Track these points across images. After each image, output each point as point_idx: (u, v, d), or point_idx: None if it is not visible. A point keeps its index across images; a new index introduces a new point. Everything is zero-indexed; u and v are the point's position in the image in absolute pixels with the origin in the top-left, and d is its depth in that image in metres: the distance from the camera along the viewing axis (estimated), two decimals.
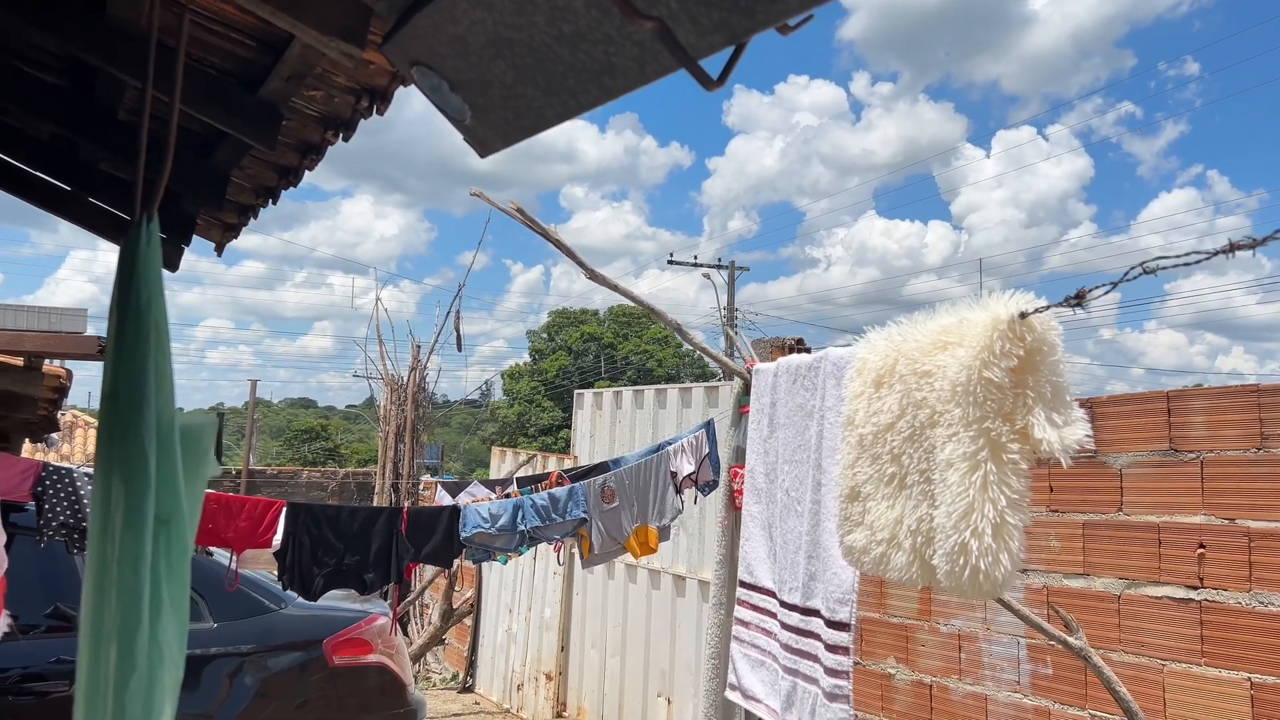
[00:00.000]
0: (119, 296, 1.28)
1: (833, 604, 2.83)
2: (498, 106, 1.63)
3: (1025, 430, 2.06)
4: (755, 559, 3.28)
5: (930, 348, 2.26)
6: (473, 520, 4.46)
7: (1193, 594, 3.50)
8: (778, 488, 3.14)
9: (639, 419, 7.69)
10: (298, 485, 17.17)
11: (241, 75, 2.51)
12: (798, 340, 5.08)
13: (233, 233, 3.69)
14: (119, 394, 1.24)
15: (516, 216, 3.43)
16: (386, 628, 5.57)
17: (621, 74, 1.34)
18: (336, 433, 45.80)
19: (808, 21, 1.13)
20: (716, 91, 1.16)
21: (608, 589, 7.76)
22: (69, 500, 3.93)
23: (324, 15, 1.66)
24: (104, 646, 1.21)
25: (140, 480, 1.21)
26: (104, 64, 2.32)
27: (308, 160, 2.90)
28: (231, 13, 2.13)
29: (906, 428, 2.33)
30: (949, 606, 4.36)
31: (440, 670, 10.77)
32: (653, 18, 1.14)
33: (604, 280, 3.67)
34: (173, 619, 1.26)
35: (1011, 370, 2.07)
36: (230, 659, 5.07)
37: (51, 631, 4.85)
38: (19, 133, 3.38)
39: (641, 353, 48.80)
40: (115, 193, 3.47)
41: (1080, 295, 1.88)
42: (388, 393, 12.41)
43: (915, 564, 2.31)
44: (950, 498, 2.14)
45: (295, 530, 4.20)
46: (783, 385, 3.16)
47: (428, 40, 1.62)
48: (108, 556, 1.22)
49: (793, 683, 3.00)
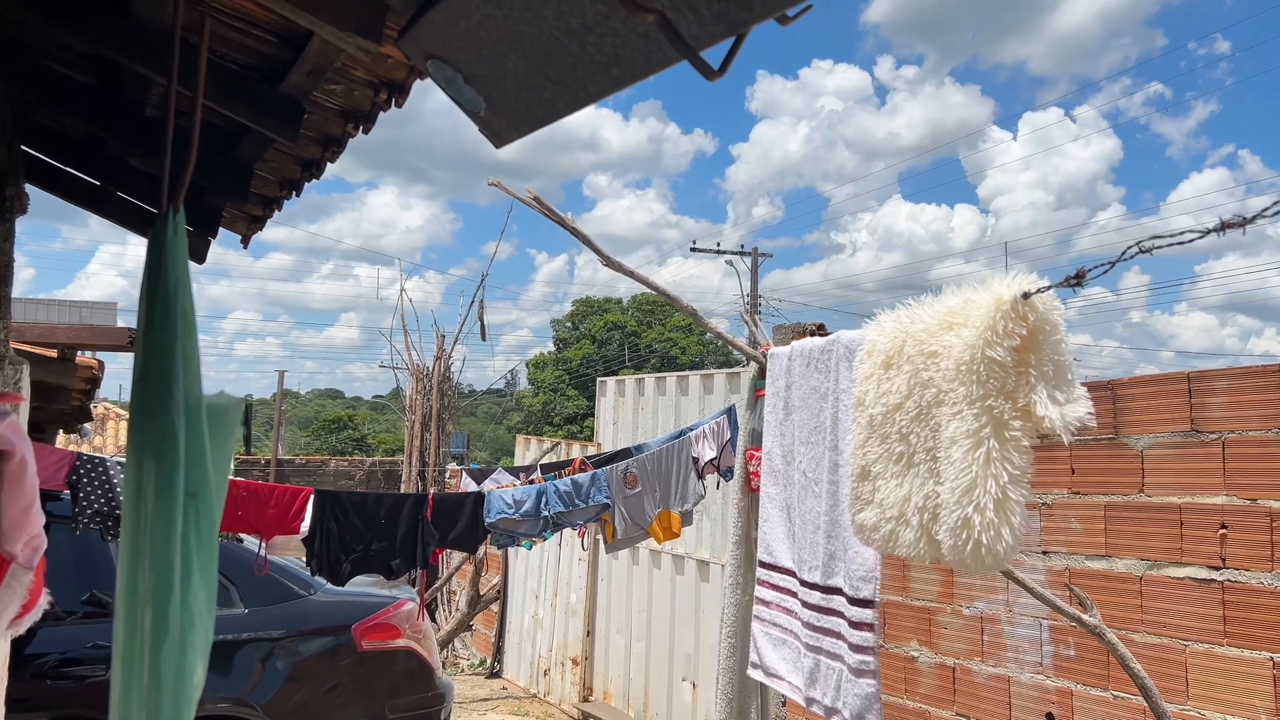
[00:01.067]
0: (148, 284, 1.35)
1: (856, 581, 2.87)
2: (511, 98, 1.67)
3: (1028, 408, 2.09)
4: (774, 539, 3.32)
5: (936, 328, 2.29)
6: (497, 506, 4.52)
7: (1215, 575, 3.50)
8: (795, 469, 3.18)
9: (661, 406, 7.73)
10: (326, 474, 17.35)
11: (263, 70, 2.56)
12: (819, 326, 5.10)
13: (258, 225, 3.75)
14: (149, 375, 1.31)
15: (534, 206, 3.47)
16: (414, 613, 5.66)
17: (628, 65, 1.38)
18: (363, 422, 46.18)
19: (806, 11, 1.16)
20: (718, 81, 1.19)
21: (632, 574, 7.82)
22: (103, 489, 4.03)
23: (341, 11, 1.70)
24: (139, 612, 1.28)
25: (170, 456, 1.28)
26: (129, 62, 2.38)
27: (329, 153, 2.96)
28: (253, 9, 2.18)
29: (914, 407, 2.37)
30: (971, 589, 4.38)
31: (468, 656, 10.89)
32: (654, 10, 1.17)
33: (621, 268, 3.71)
34: (202, 585, 1.33)
35: (1015, 349, 2.10)
36: (261, 644, 5.17)
37: (87, 617, 4.97)
38: (51, 130, 3.46)
39: (665, 340, 48.81)
40: (144, 187, 3.54)
41: (1080, 275, 1.90)
42: (413, 383, 12.52)
43: (922, 540, 2.34)
44: (954, 474, 2.17)
45: (323, 517, 4.28)
46: (797, 368, 3.19)
47: (442, 34, 1.66)
48: (140, 528, 1.29)
49: (815, 660, 3.04)
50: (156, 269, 1.33)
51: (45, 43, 2.83)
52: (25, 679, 4.59)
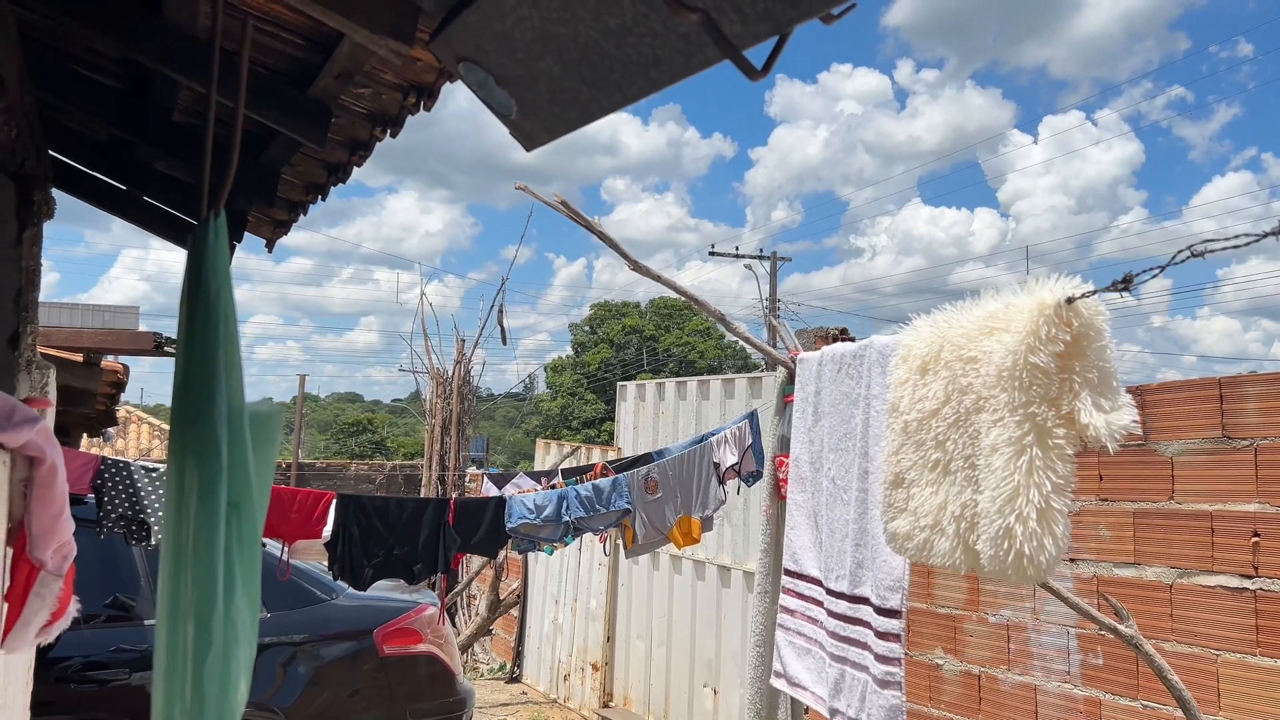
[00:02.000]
0: (189, 290, 1.33)
1: (883, 591, 2.83)
2: (544, 100, 1.65)
3: (1071, 415, 2.05)
4: (801, 547, 3.29)
5: (976, 333, 2.25)
6: (518, 511, 4.51)
7: (1247, 583, 3.45)
8: (823, 476, 3.15)
9: (682, 410, 7.71)
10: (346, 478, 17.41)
11: (291, 74, 2.56)
12: (841, 330, 5.07)
13: (283, 229, 3.76)
14: (191, 383, 1.29)
15: (562, 210, 3.46)
16: (435, 617, 5.65)
17: (667, 66, 1.36)
18: (382, 426, 46.33)
19: (850, 10, 1.14)
20: (760, 81, 1.17)
21: (653, 580, 7.79)
22: (127, 493, 4.04)
23: (373, 14, 1.69)
24: (181, 625, 1.26)
25: (212, 465, 1.26)
26: (160, 66, 2.38)
27: (356, 157, 2.95)
28: (282, 13, 2.17)
29: (951, 414, 2.33)
30: (997, 597, 4.33)
31: (488, 660, 10.88)
32: (698, 9, 1.15)
33: (648, 272, 3.69)
34: (245, 598, 1.31)
35: (1058, 355, 2.06)
36: (283, 648, 5.17)
37: (111, 621, 4.98)
38: (78, 135, 3.48)
39: (683, 344, 48.76)
40: (170, 191, 3.55)
41: (1128, 280, 1.86)
42: (433, 386, 12.54)
43: (959, 549, 2.30)
44: (995, 482, 2.13)
45: (345, 521, 4.28)
46: (827, 374, 3.16)
47: (475, 37, 1.65)
48: (182, 539, 1.27)
49: (840, 670, 3.01)
50: (198, 275, 1.32)
51: (75, 47, 2.84)
52: (49, 682, 4.61)
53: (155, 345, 4.81)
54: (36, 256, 3.10)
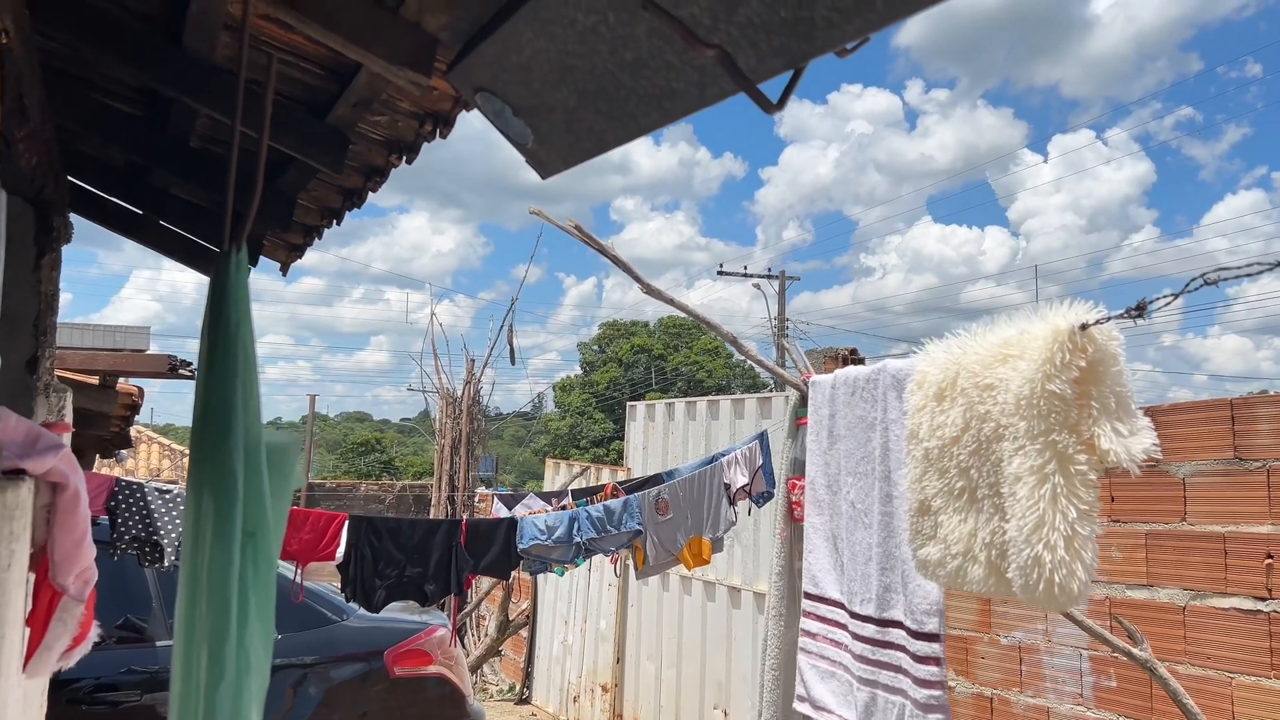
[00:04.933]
0: (210, 321, 1.36)
1: (919, 615, 2.83)
2: (560, 130, 1.68)
3: (1091, 441, 2.05)
4: (820, 570, 3.29)
5: (991, 360, 2.26)
6: (530, 532, 4.52)
7: (1261, 605, 3.43)
8: (842, 499, 3.15)
9: (691, 430, 7.71)
10: (356, 498, 17.42)
11: (309, 102, 2.59)
12: (851, 350, 5.07)
13: (298, 253, 3.79)
14: (210, 412, 1.31)
15: (575, 234, 3.48)
16: (446, 639, 5.65)
17: (682, 98, 1.38)
18: (391, 445, 46.34)
19: (863, 44, 1.16)
20: (776, 114, 1.19)
21: (662, 601, 7.78)
22: (141, 514, 4.06)
23: (393, 45, 1.72)
24: (196, 652, 1.28)
25: (229, 495, 1.28)
26: (179, 94, 2.41)
27: (371, 182, 2.98)
28: (301, 43, 2.21)
29: (972, 441, 2.33)
30: (1008, 618, 4.32)
31: (497, 682, 10.85)
32: (714, 45, 1.18)
33: (660, 294, 3.71)
34: (259, 627, 1.32)
35: (1074, 381, 2.06)
36: (294, 670, 5.18)
37: (122, 642, 4.99)
38: (96, 160, 3.52)
39: (692, 364, 48.74)
40: (186, 216, 3.59)
41: (1141, 306, 1.88)
42: (443, 406, 12.56)
43: (992, 577, 2.31)
44: (1020, 511, 2.13)
45: (357, 542, 4.29)
46: (841, 397, 3.17)
47: (492, 68, 1.68)
48: (198, 567, 1.29)
49: (871, 694, 3.00)
50: (219, 306, 1.35)
51: (95, 75, 2.88)
52: (60, 704, 4.61)
53: (170, 368, 4.84)
54: (55, 281, 3.13)
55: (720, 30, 1.18)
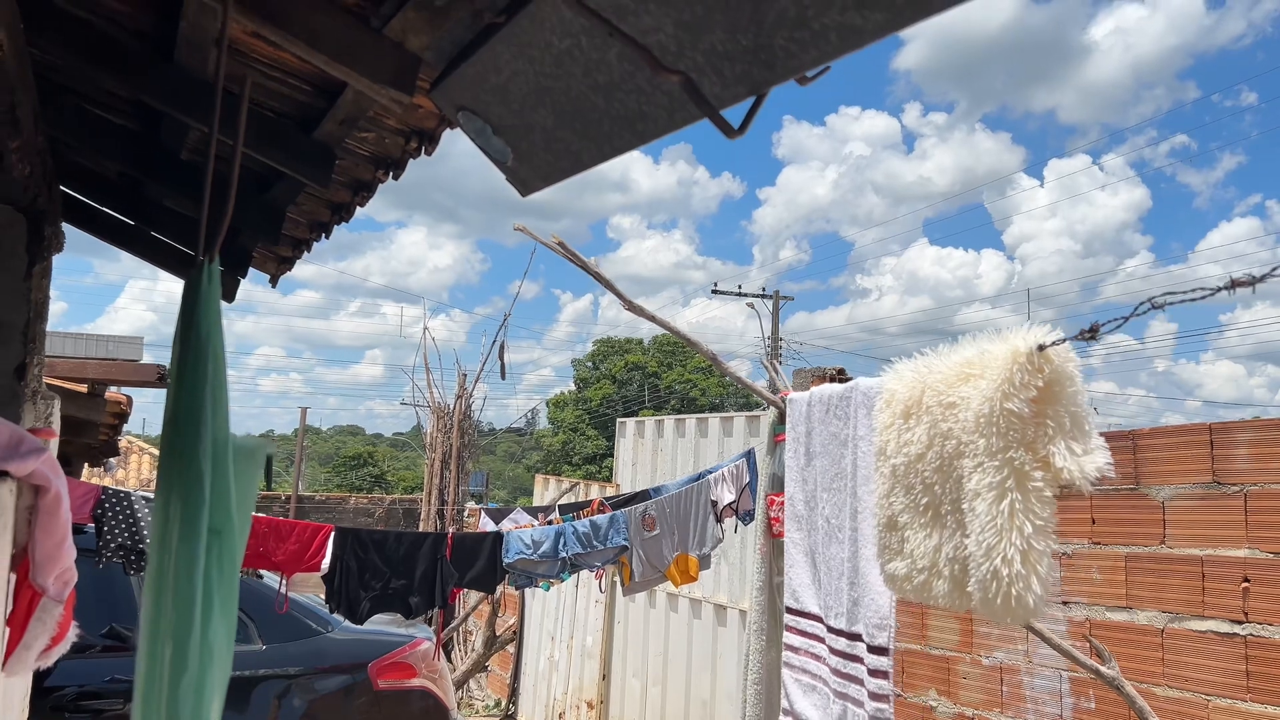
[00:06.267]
0: (181, 330, 1.41)
1: (872, 629, 2.87)
2: (538, 149, 1.72)
3: (1047, 459, 2.10)
4: (800, 585, 3.33)
5: (954, 379, 2.31)
6: (515, 546, 4.54)
7: (1237, 628, 3.47)
8: (818, 515, 3.19)
9: (681, 448, 7.74)
10: (345, 511, 17.39)
11: (297, 117, 2.64)
12: (839, 370, 5.11)
13: (287, 265, 3.83)
14: (179, 417, 1.36)
15: (558, 250, 3.52)
16: (430, 652, 5.65)
17: (652, 121, 1.43)
18: (383, 459, 46.26)
19: (824, 73, 1.20)
20: (737, 139, 1.24)
21: (649, 618, 7.78)
22: (127, 523, 4.07)
23: (376, 65, 1.76)
24: (160, 646, 1.33)
25: (195, 495, 1.33)
26: (170, 109, 2.46)
27: (359, 197, 3.03)
28: (290, 60, 2.25)
29: (936, 458, 2.38)
30: (990, 639, 4.34)
31: (483, 697, 10.82)
32: (678, 71, 1.22)
33: (643, 312, 3.75)
34: (222, 622, 1.37)
35: (1032, 400, 2.11)
36: (278, 681, 5.17)
37: (107, 651, 4.99)
38: (89, 172, 3.56)
39: (685, 381, 48.79)
40: (177, 228, 3.63)
41: (1094, 329, 1.93)
42: (434, 420, 12.58)
43: (955, 591, 2.35)
44: (979, 527, 2.18)
45: (343, 554, 4.31)
46: (816, 414, 3.21)
47: (473, 88, 1.72)
48: (165, 564, 1.34)
49: (843, 706, 3.04)
50: (191, 316, 1.40)
51: (88, 88, 2.92)
52: (45, 711, 4.61)
53: (159, 377, 4.87)
54: (45, 290, 3.16)
55: (686, 57, 1.22)
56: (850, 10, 1.00)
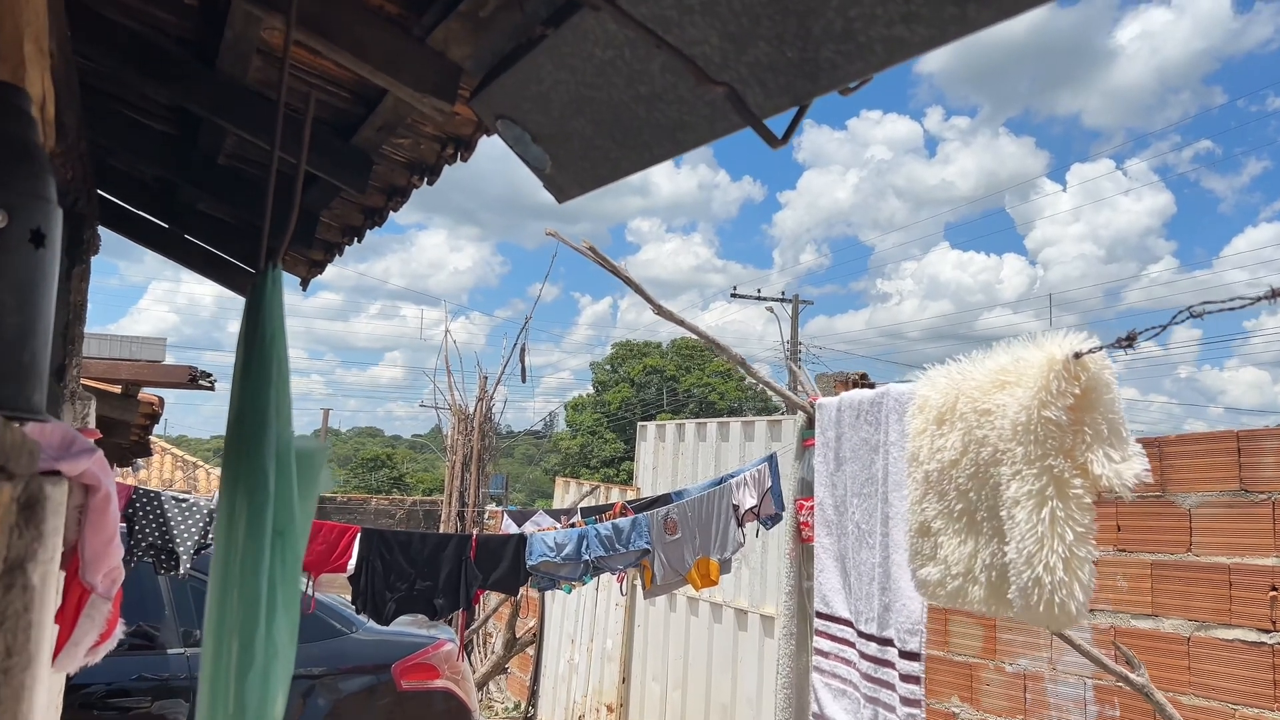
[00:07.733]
0: (246, 334, 1.45)
1: (903, 634, 2.88)
2: (577, 157, 1.75)
3: (1085, 466, 2.11)
4: (830, 590, 3.35)
5: (989, 387, 2.32)
6: (539, 549, 4.57)
7: (1265, 637, 3.45)
8: (848, 520, 3.21)
9: (701, 452, 7.75)
10: (366, 512, 17.48)
11: (335, 123, 2.68)
12: (861, 375, 5.12)
13: (318, 269, 3.87)
14: (244, 418, 1.40)
15: (589, 255, 3.56)
16: (453, 654, 5.69)
17: (693, 130, 1.45)
18: (402, 461, 46.42)
19: (866, 83, 1.22)
20: (781, 149, 1.26)
21: (669, 622, 7.80)
22: (158, 523, 4.12)
23: (419, 74, 1.80)
24: (227, 641, 1.36)
25: (260, 495, 1.37)
26: (212, 115, 2.50)
27: (393, 202, 3.07)
28: (330, 68, 2.29)
29: (970, 465, 2.39)
30: (1013, 645, 4.34)
31: (502, 699, 10.86)
32: (723, 83, 1.24)
33: (672, 316, 3.77)
34: (285, 618, 1.41)
35: (1069, 408, 2.13)
36: (302, 680, 5.22)
37: (134, 649, 5.06)
38: (125, 175, 3.62)
39: (704, 385, 48.73)
40: (212, 232, 3.68)
41: (1131, 337, 1.94)
42: (455, 423, 12.63)
43: (992, 598, 2.36)
44: (1019, 535, 2.19)
45: (369, 555, 4.35)
46: (846, 420, 3.23)
47: (513, 97, 1.75)
48: (230, 562, 1.37)
49: (874, 710, 3.05)
50: (255, 321, 1.44)
51: (128, 92, 2.97)
52: (74, 708, 4.68)
53: (190, 379, 4.93)
54: (83, 292, 3.22)
55: (730, 69, 1.24)
56: (897, 24, 1.02)
